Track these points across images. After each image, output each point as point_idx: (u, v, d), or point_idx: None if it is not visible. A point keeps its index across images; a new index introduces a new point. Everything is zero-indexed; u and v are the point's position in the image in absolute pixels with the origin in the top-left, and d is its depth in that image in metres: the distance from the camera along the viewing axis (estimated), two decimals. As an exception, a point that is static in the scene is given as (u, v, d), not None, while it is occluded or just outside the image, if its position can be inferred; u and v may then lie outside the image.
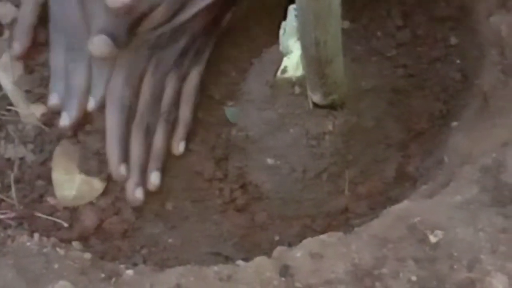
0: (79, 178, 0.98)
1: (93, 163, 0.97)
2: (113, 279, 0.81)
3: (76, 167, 0.98)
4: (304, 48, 0.77)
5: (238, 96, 1.07)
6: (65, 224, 0.96)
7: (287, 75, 0.94)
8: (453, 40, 1.09)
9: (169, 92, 1.02)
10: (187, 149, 1.06)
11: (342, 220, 1.01)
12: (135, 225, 0.99)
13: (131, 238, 0.98)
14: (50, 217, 0.96)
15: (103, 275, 0.82)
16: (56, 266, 0.83)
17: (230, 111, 1.07)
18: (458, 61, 1.06)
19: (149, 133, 1.00)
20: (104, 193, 0.99)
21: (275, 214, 1.03)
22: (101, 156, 0.98)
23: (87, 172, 0.98)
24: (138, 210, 0.99)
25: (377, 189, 1.03)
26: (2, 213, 0.95)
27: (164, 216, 1.00)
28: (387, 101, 1.03)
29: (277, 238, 1.00)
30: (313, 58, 0.76)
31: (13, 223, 0.95)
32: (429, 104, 1.05)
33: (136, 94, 0.99)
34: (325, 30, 0.70)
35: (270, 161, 1.00)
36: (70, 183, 0.98)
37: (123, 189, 0.99)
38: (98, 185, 0.99)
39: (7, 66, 1.02)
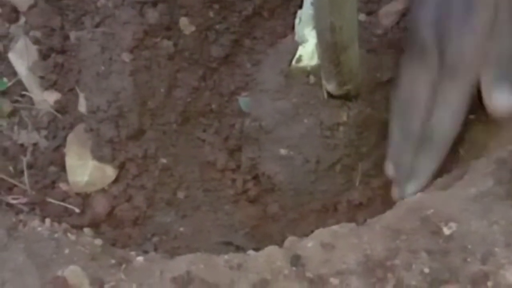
0: (92, 164, 0.98)
1: (106, 150, 0.97)
2: (123, 266, 0.81)
3: (89, 154, 0.98)
4: (320, 34, 0.77)
5: (252, 86, 1.06)
6: (77, 210, 0.96)
7: (301, 64, 0.94)
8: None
9: None
10: (200, 139, 1.06)
11: (354, 213, 1.00)
12: (146, 213, 0.99)
13: (142, 226, 0.98)
14: (62, 203, 0.96)
15: (113, 261, 0.82)
16: (66, 251, 0.83)
17: (244, 101, 1.07)
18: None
19: None
20: (116, 180, 0.99)
21: (288, 205, 1.02)
22: (114, 144, 0.98)
23: (100, 158, 0.98)
24: (150, 198, 0.99)
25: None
26: (14, 198, 0.95)
27: (176, 204, 1.00)
28: (402, 94, 1.02)
29: (289, 228, 0.99)
30: (329, 44, 0.76)
31: (25, 208, 0.95)
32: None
33: None
34: (341, 15, 0.69)
35: (283, 151, 0.99)
36: (82, 169, 0.98)
37: (135, 176, 0.99)
38: (110, 172, 0.98)
39: (22, 52, 1.02)
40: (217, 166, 1.04)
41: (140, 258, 0.83)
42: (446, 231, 0.77)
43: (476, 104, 0.97)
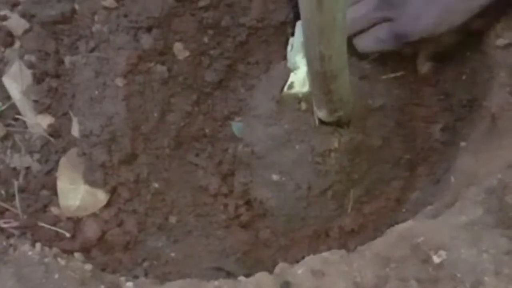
0: (83, 188, 0.98)
1: (98, 174, 0.97)
2: (113, 291, 0.81)
3: (81, 178, 0.98)
4: (309, 62, 0.77)
5: (245, 111, 1.06)
6: (68, 235, 0.96)
7: (293, 90, 0.94)
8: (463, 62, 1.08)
9: None
10: (193, 163, 1.06)
11: (345, 239, 1.00)
12: (137, 237, 0.99)
13: (133, 250, 0.98)
14: (53, 228, 0.96)
15: (102, 287, 0.82)
16: (56, 276, 0.82)
17: (236, 126, 1.07)
18: (467, 83, 1.05)
19: None
20: (108, 204, 0.99)
21: (279, 231, 1.02)
22: (106, 168, 0.98)
23: (92, 183, 0.98)
24: (141, 222, 0.99)
25: (382, 209, 1.02)
26: (6, 222, 0.95)
27: (167, 229, 1.00)
28: (394, 121, 1.02)
29: (280, 254, 0.99)
30: (318, 73, 0.76)
31: (16, 232, 0.95)
32: (437, 123, 1.05)
33: None
34: (330, 45, 0.70)
35: (275, 177, 0.99)
36: (74, 193, 0.98)
37: (126, 201, 0.99)
38: (102, 196, 0.98)
39: (16, 76, 1.02)
40: (210, 191, 1.04)
41: (129, 284, 0.83)
42: (436, 259, 0.77)
43: (466, 130, 0.98)
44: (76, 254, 0.95)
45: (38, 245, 0.86)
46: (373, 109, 0.99)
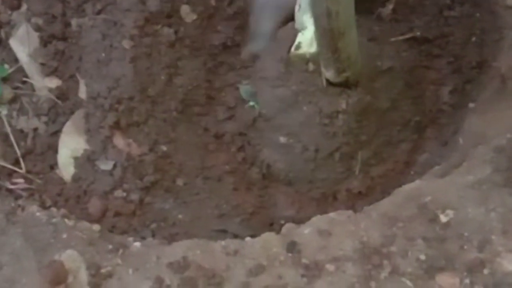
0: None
1: (103, 137, 0.97)
2: (120, 251, 0.81)
3: (83, 143, 0.98)
4: (316, 19, 0.76)
5: (253, 74, 1.06)
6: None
7: (300, 51, 0.93)
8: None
9: None
10: (200, 126, 1.06)
11: (353, 202, 1.00)
12: (144, 200, 0.98)
13: (141, 214, 0.98)
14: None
15: (110, 247, 0.82)
16: (64, 236, 0.83)
17: (244, 89, 1.06)
18: (476, 43, 1.04)
19: None
20: (111, 173, 0.99)
21: (287, 193, 1.02)
22: (113, 130, 0.97)
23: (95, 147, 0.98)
24: (145, 189, 0.99)
25: (391, 172, 1.02)
26: (13, 184, 0.95)
27: (175, 192, 1.00)
28: (403, 83, 1.01)
29: (286, 218, 0.99)
30: (325, 30, 0.75)
31: (24, 193, 0.95)
32: (446, 86, 1.04)
33: None
34: (337, 0, 0.69)
35: (282, 139, 0.99)
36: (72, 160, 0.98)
37: (133, 164, 0.98)
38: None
39: (23, 39, 1.02)
40: (217, 153, 1.04)
41: (137, 244, 0.83)
42: (443, 218, 0.77)
43: (475, 92, 0.98)
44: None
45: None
46: (382, 71, 0.98)
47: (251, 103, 1.03)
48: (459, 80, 1.04)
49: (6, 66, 1.03)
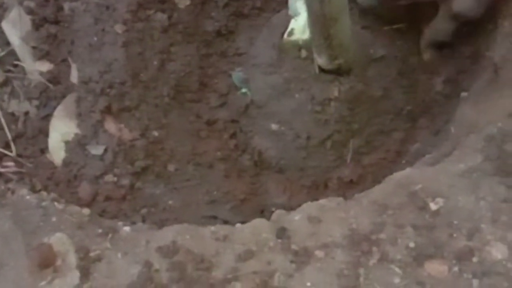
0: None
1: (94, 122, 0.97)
2: (110, 235, 0.81)
3: (74, 128, 0.97)
4: (309, 5, 0.76)
5: (246, 61, 1.05)
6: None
7: (293, 37, 0.93)
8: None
9: None
10: (192, 113, 1.06)
11: (344, 190, 1.00)
12: (135, 186, 0.98)
13: (131, 199, 0.98)
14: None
15: (100, 231, 0.82)
16: (53, 219, 0.82)
17: (236, 75, 1.06)
18: (470, 34, 1.03)
19: None
20: (101, 158, 0.99)
21: (278, 181, 1.02)
22: (103, 115, 0.97)
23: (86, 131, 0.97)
24: (136, 174, 0.98)
25: (382, 161, 1.02)
26: (4, 167, 0.95)
27: (166, 177, 1.00)
28: (396, 71, 1.01)
29: (277, 205, 0.99)
30: (318, 16, 0.75)
31: (14, 177, 0.95)
32: (439, 75, 1.04)
33: None
34: (330, -15, 0.69)
35: (274, 126, 0.99)
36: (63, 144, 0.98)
37: (124, 149, 0.98)
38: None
39: (15, 22, 1.01)
40: (209, 140, 1.04)
41: (127, 228, 0.83)
42: (433, 206, 0.77)
43: (467, 81, 0.97)
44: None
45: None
46: (375, 59, 0.98)
47: (243, 90, 1.03)
48: (452, 70, 1.03)
49: (-3, 49, 1.03)
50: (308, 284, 0.73)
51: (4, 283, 0.75)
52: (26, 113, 0.99)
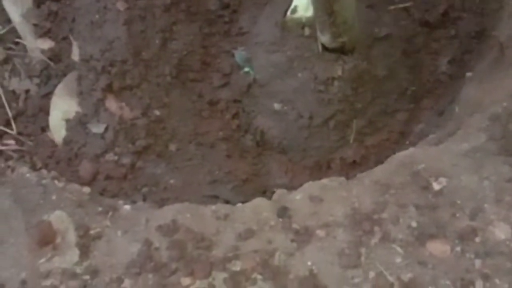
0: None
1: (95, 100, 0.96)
2: (110, 213, 0.81)
3: (75, 106, 0.96)
4: (312, -20, 0.75)
5: (249, 39, 1.04)
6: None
7: (296, 15, 0.92)
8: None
9: None
10: (194, 92, 1.05)
11: (347, 171, 0.99)
12: (136, 165, 0.98)
13: (132, 178, 0.97)
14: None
15: (100, 209, 0.82)
16: (53, 197, 0.82)
17: (239, 54, 1.05)
18: (476, 14, 1.02)
19: None
20: (102, 136, 0.98)
21: (280, 161, 1.01)
22: (105, 93, 0.96)
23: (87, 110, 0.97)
24: (137, 153, 0.97)
25: (385, 141, 1.01)
26: (4, 145, 0.95)
27: (167, 157, 0.99)
28: (401, 51, 1.00)
29: (279, 186, 0.98)
30: (321, -9, 0.74)
31: (14, 155, 0.94)
32: (444, 55, 1.02)
33: None
34: (333, -41, 0.68)
35: (277, 106, 0.98)
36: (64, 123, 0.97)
37: (125, 128, 0.97)
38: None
39: (16, -1, 1.01)
40: (211, 120, 1.03)
41: (127, 207, 0.83)
42: (436, 186, 0.76)
43: (473, 62, 0.96)
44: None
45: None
46: (379, 38, 0.97)
47: (246, 69, 1.02)
48: (458, 50, 1.02)
49: (-2, 26, 1.02)
50: (309, 263, 0.73)
51: (4, 260, 0.75)
52: (27, 91, 0.99)
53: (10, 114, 0.97)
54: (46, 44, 1.00)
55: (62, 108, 0.96)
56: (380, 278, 0.71)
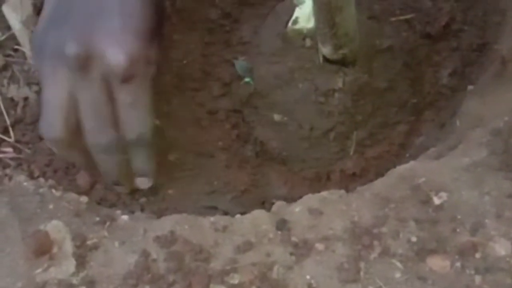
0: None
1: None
2: (107, 223, 0.80)
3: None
4: (313, -8, 0.75)
5: (250, 49, 1.04)
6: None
7: (298, 26, 0.92)
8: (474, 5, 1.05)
9: None
10: (195, 101, 1.05)
11: (347, 183, 0.98)
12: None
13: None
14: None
15: (98, 219, 0.81)
16: (50, 206, 0.82)
17: (240, 64, 1.05)
18: (478, 26, 1.02)
19: None
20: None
21: (279, 172, 1.01)
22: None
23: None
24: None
25: (386, 154, 1.01)
26: (2, 152, 0.94)
27: (166, 167, 0.99)
28: (402, 63, 1.00)
29: (278, 197, 0.97)
30: (323, 3, 0.73)
31: (12, 163, 0.94)
32: (446, 68, 1.02)
33: None
34: (335, -28, 0.68)
35: (277, 117, 0.98)
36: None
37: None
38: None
39: (16, 6, 1.00)
40: (211, 130, 1.03)
41: (125, 217, 0.82)
42: (436, 200, 0.76)
43: (474, 74, 0.96)
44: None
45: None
46: (380, 50, 0.96)
47: (247, 79, 1.02)
48: (459, 63, 1.02)
49: (-3, 33, 1.02)
50: (308, 277, 0.72)
51: (-1, 269, 0.75)
52: (26, 99, 0.98)
53: (8, 122, 0.96)
54: (46, 51, 0.99)
55: (61, 116, 0.95)
56: (379, 293, 0.70)
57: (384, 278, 0.71)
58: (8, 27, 1.01)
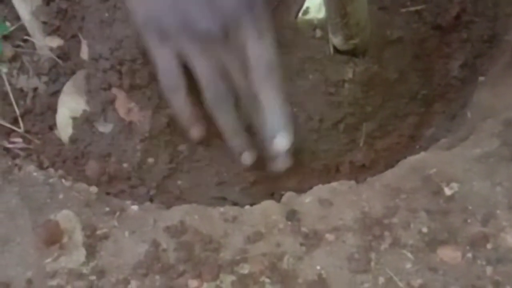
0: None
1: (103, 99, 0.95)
2: (117, 213, 0.80)
3: (84, 103, 0.96)
4: (325, -19, 0.75)
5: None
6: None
7: (308, 16, 0.91)
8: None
9: None
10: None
11: (356, 174, 0.98)
12: (145, 165, 0.97)
13: (139, 178, 0.96)
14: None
15: (107, 209, 0.82)
16: (60, 196, 0.82)
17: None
18: (489, 17, 1.01)
19: None
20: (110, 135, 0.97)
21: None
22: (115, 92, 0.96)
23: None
24: (145, 153, 0.97)
25: (395, 145, 1.00)
26: (11, 143, 0.94)
27: (176, 158, 0.98)
28: (412, 54, 0.99)
29: (288, 188, 0.97)
30: (335, -7, 0.74)
31: (21, 153, 0.94)
32: (456, 59, 1.02)
33: None
34: (347, -39, 0.67)
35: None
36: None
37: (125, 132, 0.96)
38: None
39: (26, -4, 1.00)
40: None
41: (134, 207, 0.83)
42: (448, 191, 0.75)
43: (485, 66, 0.95)
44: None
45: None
46: (391, 40, 0.96)
47: (256, 70, 1.01)
48: (470, 54, 1.01)
49: (7, 23, 1.01)
50: (318, 267, 0.72)
51: (10, 258, 0.75)
52: (35, 89, 0.98)
53: (17, 112, 0.96)
54: (55, 42, 0.99)
55: (70, 106, 0.95)
56: (390, 283, 0.70)
57: (395, 269, 0.71)
58: (18, 18, 1.01)
